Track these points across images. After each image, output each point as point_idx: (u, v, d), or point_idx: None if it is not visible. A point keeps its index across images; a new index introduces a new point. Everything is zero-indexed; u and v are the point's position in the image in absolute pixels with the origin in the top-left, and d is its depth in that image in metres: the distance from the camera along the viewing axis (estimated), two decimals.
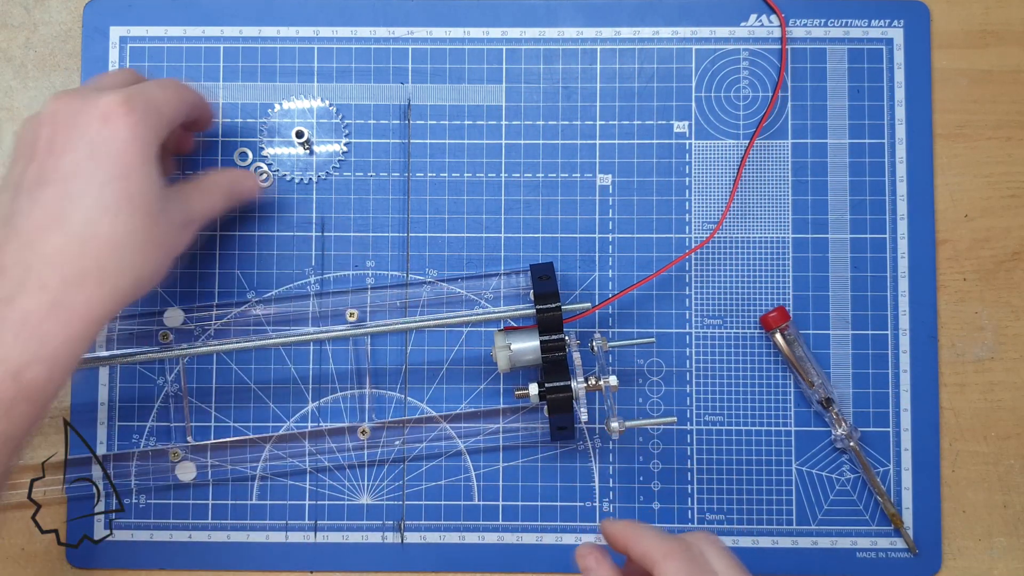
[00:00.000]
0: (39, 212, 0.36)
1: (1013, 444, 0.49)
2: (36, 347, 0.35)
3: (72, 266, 0.36)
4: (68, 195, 0.36)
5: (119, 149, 0.37)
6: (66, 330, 0.36)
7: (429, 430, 0.49)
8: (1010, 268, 0.50)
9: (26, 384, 0.35)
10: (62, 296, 0.36)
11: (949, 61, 0.50)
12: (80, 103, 0.38)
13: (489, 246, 0.50)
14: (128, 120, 0.38)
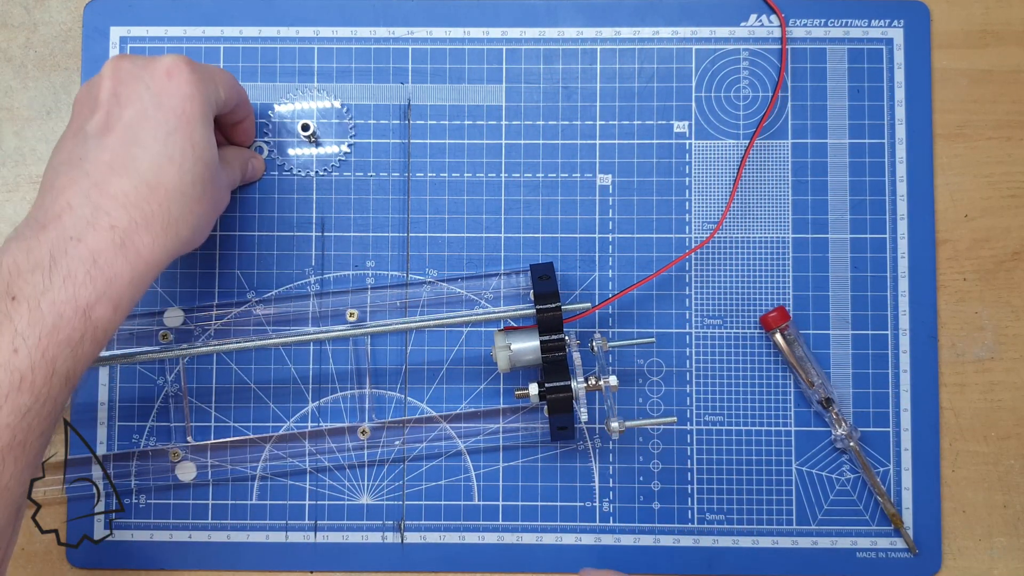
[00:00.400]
0: (107, 155, 0.38)
1: (1013, 444, 0.49)
2: (104, 285, 0.36)
3: (140, 209, 0.37)
4: (136, 141, 0.38)
5: (182, 102, 0.39)
6: (132, 270, 0.37)
7: (429, 430, 0.49)
8: (1010, 268, 0.50)
9: (94, 321, 0.36)
10: (130, 237, 0.37)
11: (949, 61, 0.50)
12: (143, 60, 0.40)
13: (489, 246, 0.50)
14: (191, 77, 0.39)
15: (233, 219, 0.50)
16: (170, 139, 0.38)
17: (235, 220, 0.50)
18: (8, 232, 0.50)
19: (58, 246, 0.36)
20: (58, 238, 0.36)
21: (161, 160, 0.38)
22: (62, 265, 0.35)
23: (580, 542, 0.48)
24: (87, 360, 0.36)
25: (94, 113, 0.39)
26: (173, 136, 0.38)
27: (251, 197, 0.50)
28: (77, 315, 0.35)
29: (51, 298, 0.35)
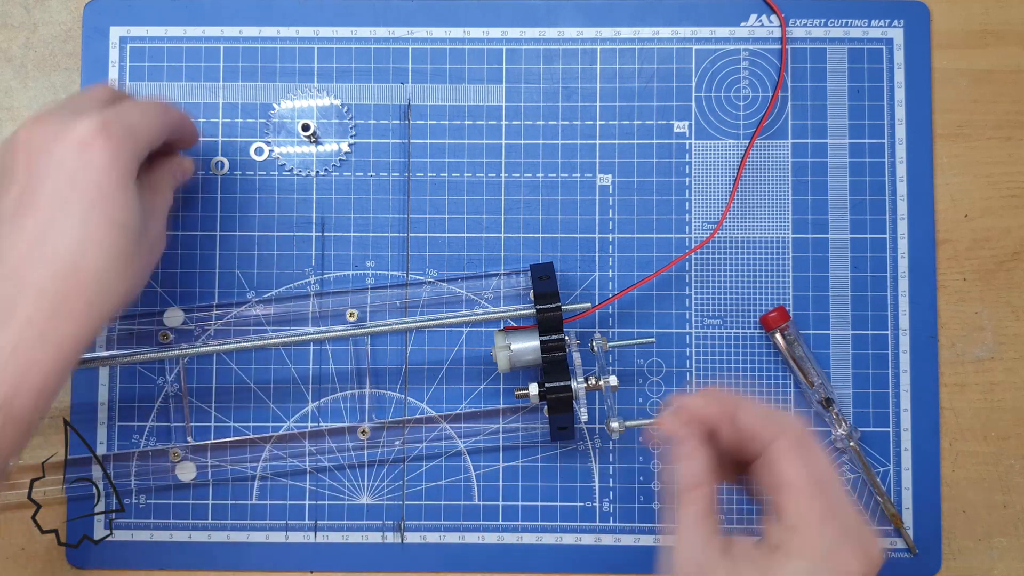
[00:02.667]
0: (22, 242, 0.36)
1: (1013, 444, 0.49)
2: (22, 377, 0.35)
3: (59, 298, 0.36)
4: (51, 224, 0.36)
5: (98, 176, 0.37)
6: (53, 360, 0.36)
7: (429, 430, 0.49)
8: (1010, 268, 0.50)
9: (15, 413, 0.35)
10: (49, 329, 0.35)
11: (949, 61, 0.50)
12: (57, 128, 0.37)
13: (489, 246, 0.50)
14: (106, 145, 0.37)
15: (233, 219, 0.50)
16: (88, 218, 0.36)
17: (235, 220, 0.50)
18: None
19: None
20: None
21: (81, 243, 0.36)
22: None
23: (580, 542, 0.48)
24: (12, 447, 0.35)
25: (9, 188, 0.37)
26: (91, 214, 0.36)
27: (251, 197, 0.50)
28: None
29: None
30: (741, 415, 0.35)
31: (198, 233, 0.50)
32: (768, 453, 0.34)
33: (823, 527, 0.33)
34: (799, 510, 0.33)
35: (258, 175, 0.50)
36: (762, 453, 0.35)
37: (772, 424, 0.35)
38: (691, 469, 0.35)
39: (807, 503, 0.33)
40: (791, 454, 0.34)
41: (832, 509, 0.33)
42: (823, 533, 0.33)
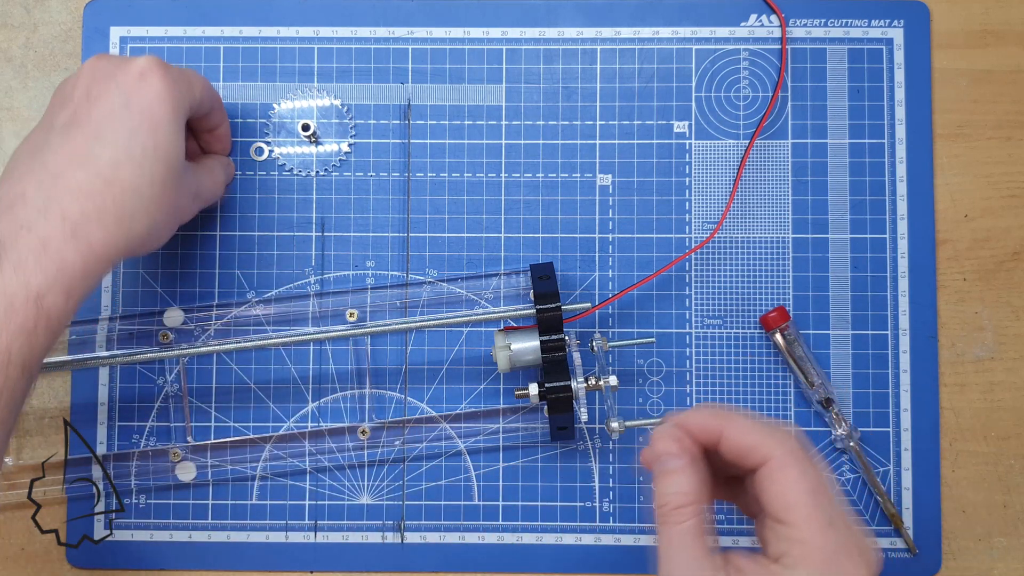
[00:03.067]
0: (68, 149, 0.38)
1: (1013, 444, 0.49)
2: (55, 273, 0.36)
3: (93, 201, 0.37)
4: (98, 137, 0.38)
5: (151, 103, 0.39)
6: (83, 260, 0.37)
7: (429, 430, 0.49)
8: (1010, 268, 0.50)
9: (46, 309, 0.36)
10: (81, 227, 0.37)
11: (949, 61, 0.50)
12: (120, 60, 0.41)
13: (489, 246, 0.50)
14: (163, 79, 0.40)
15: (233, 219, 0.50)
16: (133, 138, 0.38)
17: (235, 220, 0.50)
18: None
19: (8, 234, 0.36)
20: (9, 227, 0.36)
21: (120, 157, 0.38)
22: (11, 253, 0.36)
23: (580, 542, 0.48)
24: (43, 350, 0.36)
25: (64, 108, 0.40)
26: (136, 135, 0.39)
27: (251, 197, 0.50)
28: (29, 302, 0.35)
29: (1, 286, 0.35)
30: (735, 430, 0.35)
31: (198, 233, 0.50)
32: (766, 468, 0.34)
33: (824, 537, 0.33)
34: (800, 522, 0.33)
35: (258, 175, 0.50)
36: (759, 468, 0.35)
37: (768, 438, 0.35)
38: (682, 486, 0.35)
39: (807, 514, 0.33)
40: (789, 468, 0.34)
41: (831, 519, 0.33)
42: (824, 543, 0.33)
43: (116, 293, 0.49)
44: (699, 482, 0.35)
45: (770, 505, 0.34)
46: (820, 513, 0.33)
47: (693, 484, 0.35)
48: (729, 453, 0.36)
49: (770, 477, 0.34)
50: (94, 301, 0.49)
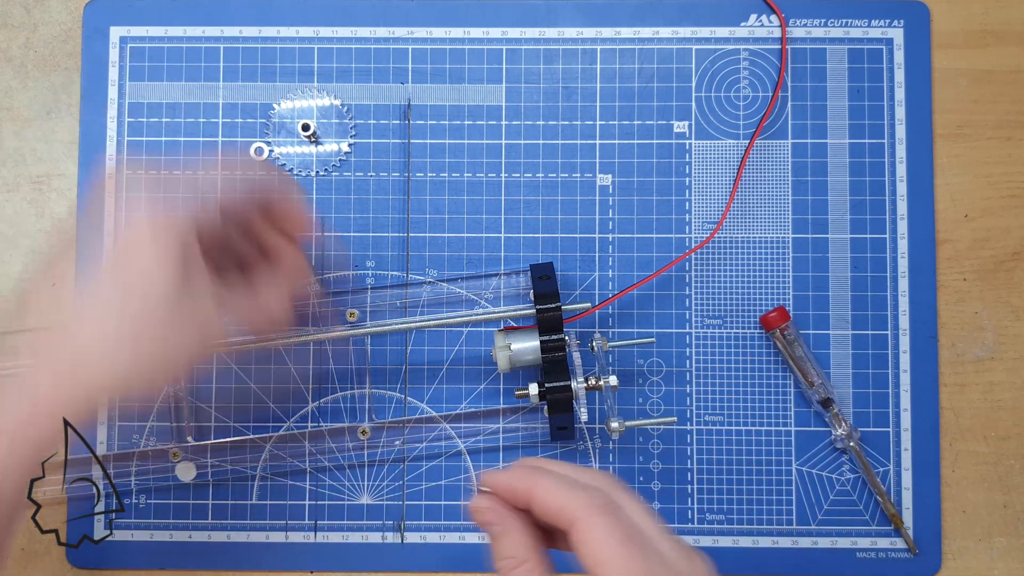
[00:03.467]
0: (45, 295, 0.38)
1: (1013, 444, 0.49)
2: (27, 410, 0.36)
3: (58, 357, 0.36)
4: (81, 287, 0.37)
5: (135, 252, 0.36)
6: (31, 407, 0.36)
7: (429, 430, 0.49)
8: (1010, 268, 0.50)
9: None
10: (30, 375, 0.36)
11: (949, 61, 0.50)
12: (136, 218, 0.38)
13: (489, 246, 0.50)
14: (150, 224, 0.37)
15: None
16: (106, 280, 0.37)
17: None
18: (9, 233, 0.50)
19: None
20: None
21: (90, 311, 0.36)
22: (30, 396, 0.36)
23: None
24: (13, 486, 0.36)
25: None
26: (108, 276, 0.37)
27: None
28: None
29: None
30: (541, 493, 0.34)
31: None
32: (574, 531, 0.33)
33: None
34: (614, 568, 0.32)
35: (258, 175, 0.50)
36: (569, 531, 0.33)
37: (572, 499, 0.33)
38: (509, 549, 0.34)
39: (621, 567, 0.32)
40: (595, 528, 0.32)
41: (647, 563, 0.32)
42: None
43: None
44: (528, 539, 0.34)
45: (586, 564, 0.33)
46: (633, 563, 0.32)
47: (521, 544, 0.34)
48: (542, 516, 0.34)
49: (580, 539, 0.33)
50: None
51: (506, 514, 0.34)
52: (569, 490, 0.33)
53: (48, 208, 0.50)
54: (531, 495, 0.34)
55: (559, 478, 0.34)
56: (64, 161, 0.50)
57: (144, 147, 0.50)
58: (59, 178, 0.50)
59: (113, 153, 0.50)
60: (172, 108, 0.50)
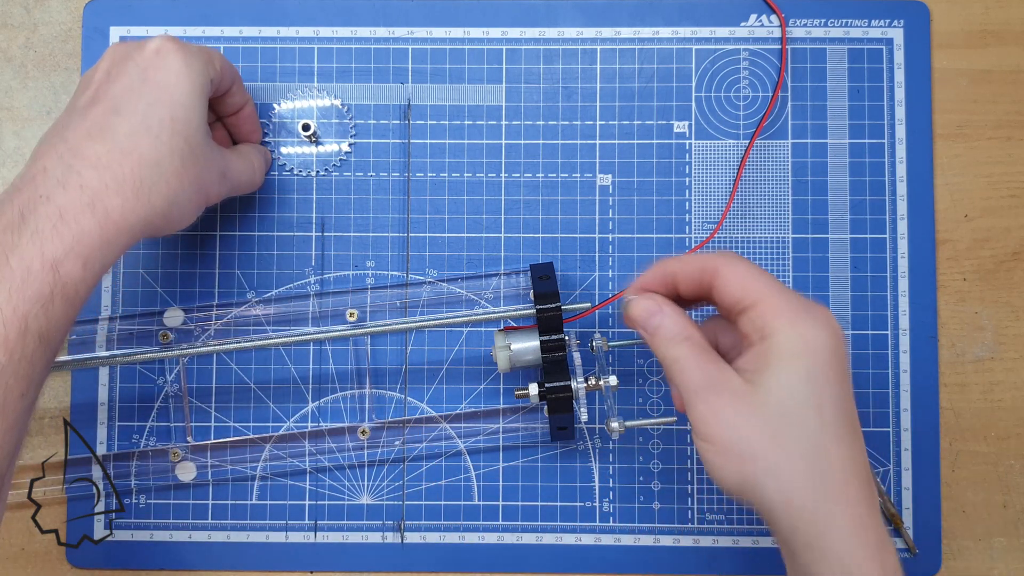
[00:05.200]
0: (87, 124, 0.39)
1: (1013, 444, 0.49)
2: (72, 241, 0.36)
3: (111, 171, 0.38)
4: (116, 111, 0.39)
5: (167, 77, 0.40)
6: (101, 229, 0.37)
7: (429, 430, 0.49)
8: (1010, 268, 0.50)
9: (63, 277, 0.36)
10: (99, 197, 0.37)
11: (949, 61, 0.50)
12: (137, 42, 0.41)
13: (489, 246, 0.50)
14: (179, 54, 0.41)
15: (233, 219, 0.50)
16: (150, 110, 0.39)
17: (235, 220, 0.50)
18: None
19: (28, 205, 0.36)
20: (28, 198, 0.37)
21: (138, 128, 0.39)
22: (30, 222, 0.36)
23: (580, 542, 0.49)
24: (61, 321, 0.36)
25: (85, 90, 0.40)
26: (153, 107, 0.39)
27: (251, 197, 0.50)
28: (45, 270, 0.35)
29: (19, 254, 0.35)
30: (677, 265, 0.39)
31: (198, 233, 0.50)
32: (719, 279, 0.38)
33: (786, 296, 0.37)
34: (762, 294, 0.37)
35: None
36: (714, 284, 0.38)
37: (710, 258, 0.38)
38: (672, 328, 0.38)
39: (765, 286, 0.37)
40: (734, 266, 0.38)
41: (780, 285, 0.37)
42: (789, 298, 0.36)
43: (116, 293, 0.49)
44: (686, 318, 0.39)
45: (732, 302, 0.37)
46: (774, 284, 0.37)
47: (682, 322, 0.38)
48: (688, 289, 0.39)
49: (723, 281, 0.38)
50: (94, 301, 0.49)
51: (663, 300, 0.39)
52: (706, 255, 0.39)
53: None
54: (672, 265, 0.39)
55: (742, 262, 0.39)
56: None
57: None
58: None
59: None
60: None
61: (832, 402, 0.36)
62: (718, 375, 0.37)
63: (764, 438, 0.35)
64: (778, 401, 0.35)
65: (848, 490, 0.35)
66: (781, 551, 0.38)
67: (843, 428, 0.36)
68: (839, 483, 0.35)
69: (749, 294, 0.37)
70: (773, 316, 0.36)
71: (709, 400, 0.36)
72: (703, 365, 0.37)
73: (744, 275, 0.38)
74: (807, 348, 0.36)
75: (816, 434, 0.35)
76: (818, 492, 0.35)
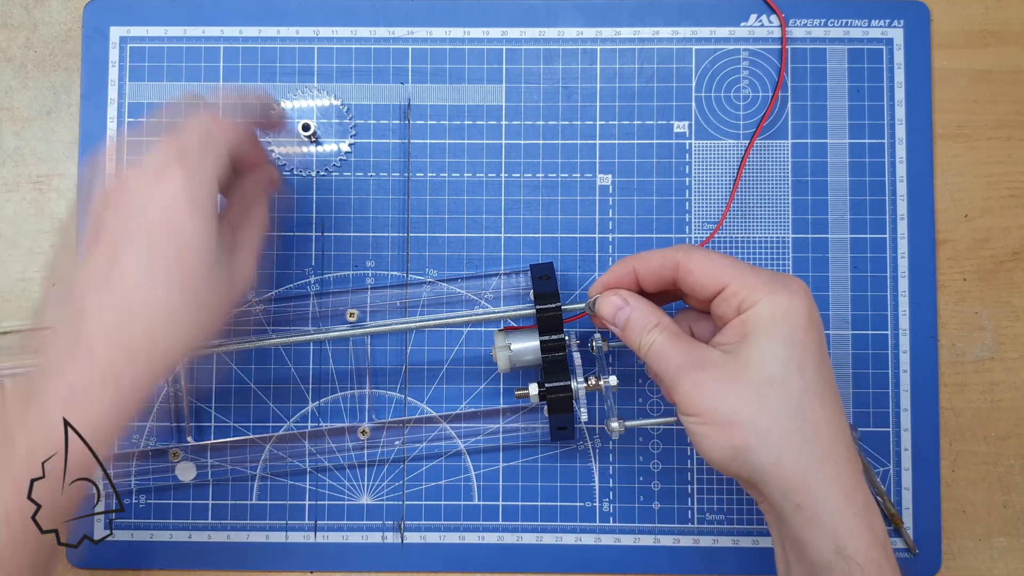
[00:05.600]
0: (91, 276, 0.35)
1: (1013, 444, 0.49)
2: (81, 424, 0.34)
3: (120, 339, 0.35)
4: (118, 257, 0.35)
5: (167, 206, 0.35)
6: (112, 404, 0.35)
7: (429, 430, 0.49)
8: (1010, 268, 0.50)
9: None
10: (110, 369, 0.35)
11: (949, 61, 0.50)
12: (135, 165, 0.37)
13: (489, 246, 0.50)
14: (181, 177, 0.36)
15: None
16: (154, 251, 0.35)
17: None
18: (9, 233, 0.50)
19: (39, 378, 0.35)
20: (41, 368, 0.35)
21: (144, 280, 0.35)
22: (38, 400, 0.34)
23: (580, 542, 0.49)
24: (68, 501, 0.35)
25: (88, 230, 0.37)
26: (157, 247, 0.35)
27: None
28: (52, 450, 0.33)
29: (26, 436, 0.34)
30: (642, 262, 0.41)
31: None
32: (681, 269, 0.39)
33: (756, 272, 0.38)
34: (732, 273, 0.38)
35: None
36: (679, 275, 0.39)
37: (669, 252, 0.40)
38: (641, 319, 0.40)
39: (731, 265, 0.38)
40: (695, 253, 0.39)
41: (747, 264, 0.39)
42: (759, 273, 0.38)
43: None
44: (654, 307, 0.40)
45: (701, 288, 0.39)
46: (742, 264, 0.38)
47: (650, 311, 0.40)
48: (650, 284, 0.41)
49: (687, 271, 0.39)
50: None
51: (628, 294, 0.41)
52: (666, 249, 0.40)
53: (48, 208, 0.50)
54: (636, 269, 0.41)
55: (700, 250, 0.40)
56: (64, 161, 0.50)
57: (144, 147, 0.50)
58: (59, 178, 0.50)
59: (113, 153, 0.50)
60: (172, 108, 0.50)
61: (813, 365, 0.37)
62: (697, 352, 0.38)
63: (751, 404, 0.36)
64: (761, 366, 0.36)
65: (835, 451, 0.36)
66: (769, 524, 0.39)
67: (825, 390, 0.37)
68: (827, 444, 0.36)
69: (719, 277, 0.38)
70: (749, 291, 0.37)
71: (692, 375, 0.37)
72: (679, 346, 0.38)
73: (708, 261, 0.39)
74: (785, 314, 0.37)
75: (801, 395, 0.36)
76: (807, 453, 0.36)
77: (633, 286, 0.41)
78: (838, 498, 0.35)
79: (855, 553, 0.35)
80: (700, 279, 0.39)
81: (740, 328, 0.37)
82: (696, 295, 0.40)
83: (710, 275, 0.38)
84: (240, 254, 0.40)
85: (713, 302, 0.39)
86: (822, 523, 0.35)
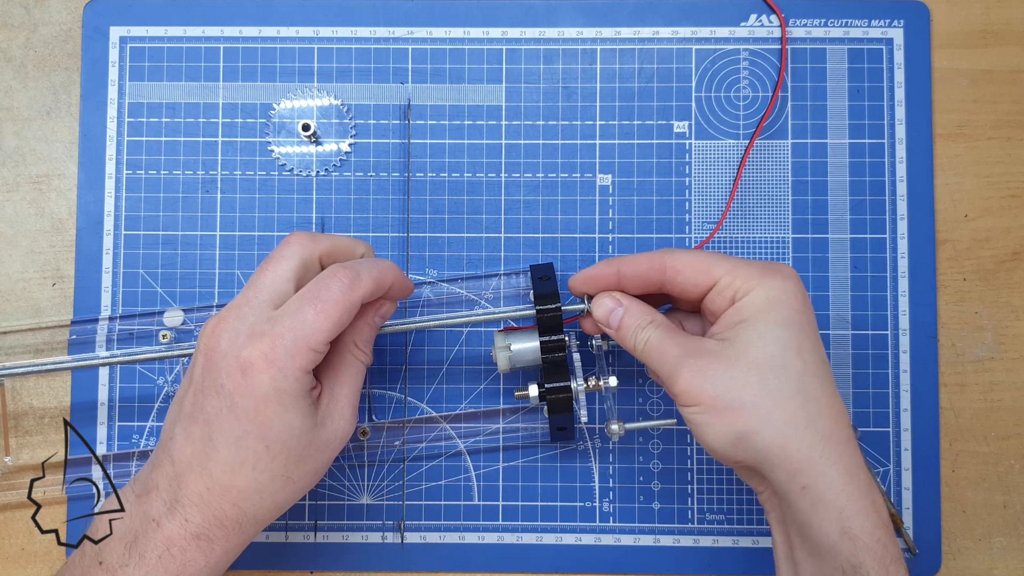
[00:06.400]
0: (188, 449, 0.38)
1: (1013, 444, 0.49)
2: (176, 571, 0.37)
3: (212, 510, 0.37)
4: (211, 440, 0.37)
5: (256, 404, 0.37)
6: (206, 559, 0.37)
7: (429, 430, 0.49)
8: (1010, 268, 0.50)
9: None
10: (203, 532, 0.37)
11: (949, 61, 0.50)
12: (228, 343, 0.37)
13: (489, 246, 0.50)
14: (269, 370, 0.36)
15: (233, 219, 0.50)
16: (241, 443, 0.37)
17: (235, 220, 0.50)
18: (8, 233, 0.50)
19: (142, 524, 0.37)
20: (144, 515, 0.38)
21: (234, 464, 0.37)
22: (140, 544, 0.37)
23: (580, 542, 0.49)
24: None
25: (189, 387, 0.39)
26: (245, 440, 0.37)
27: (251, 197, 0.50)
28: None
29: (127, 573, 0.36)
30: (622, 267, 0.41)
31: (198, 233, 0.50)
32: (670, 271, 0.40)
33: (747, 263, 0.39)
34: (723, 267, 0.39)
35: (258, 175, 0.50)
36: (668, 278, 0.40)
37: (657, 255, 0.41)
38: (635, 318, 0.40)
39: (720, 259, 0.39)
40: (681, 254, 0.40)
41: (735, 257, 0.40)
42: (750, 264, 0.39)
43: (116, 293, 0.49)
44: (646, 306, 0.41)
45: (692, 286, 0.39)
46: (730, 258, 0.39)
47: (643, 310, 0.41)
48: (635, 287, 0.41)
49: (676, 271, 0.40)
50: (95, 301, 0.49)
51: (621, 295, 0.42)
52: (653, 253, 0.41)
53: (48, 208, 0.50)
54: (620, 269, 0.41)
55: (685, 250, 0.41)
56: (64, 161, 0.50)
57: (144, 147, 0.50)
58: (59, 178, 0.50)
59: (113, 154, 0.50)
60: (172, 108, 0.50)
61: (810, 346, 0.37)
62: (694, 342, 0.38)
63: (753, 387, 0.36)
64: (760, 349, 0.37)
65: (837, 431, 0.36)
66: (769, 513, 0.39)
67: (823, 371, 0.37)
68: (829, 424, 0.36)
69: (711, 272, 0.39)
70: (743, 281, 0.38)
71: (691, 363, 0.37)
72: (675, 339, 0.39)
73: (696, 259, 0.39)
74: (780, 298, 0.37)
75: (801, 376, 0.37)
76: (812, 433, 0.36)
77: (615, 288, 0.42)
78: (843, 477, 0.36)
79: (861, 533, 0.35)
80: (691, 277, 0.39)
81: (735, 316, 0.38)
82: (687, 295, 0.40)
83: (701, 272, 0.39)
84: (336, 409, 0.40)
85: (705, 298, 0.39)
86: (827, 504, 0.36)
